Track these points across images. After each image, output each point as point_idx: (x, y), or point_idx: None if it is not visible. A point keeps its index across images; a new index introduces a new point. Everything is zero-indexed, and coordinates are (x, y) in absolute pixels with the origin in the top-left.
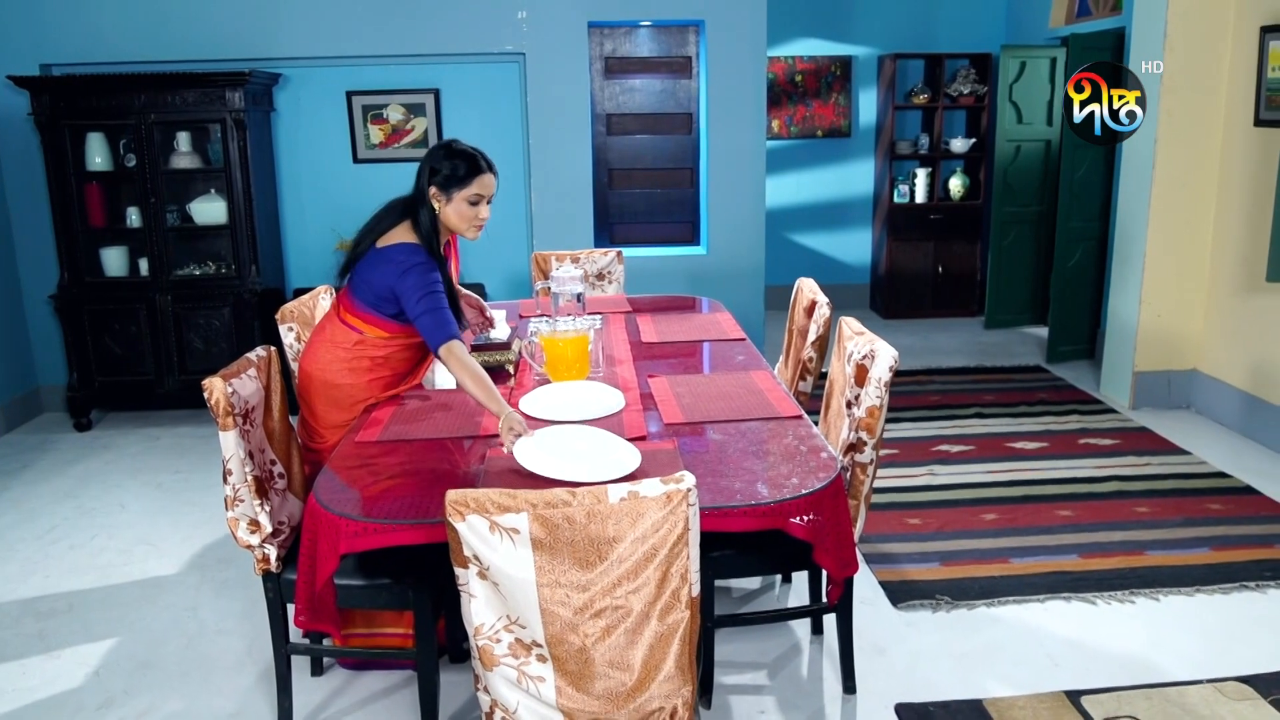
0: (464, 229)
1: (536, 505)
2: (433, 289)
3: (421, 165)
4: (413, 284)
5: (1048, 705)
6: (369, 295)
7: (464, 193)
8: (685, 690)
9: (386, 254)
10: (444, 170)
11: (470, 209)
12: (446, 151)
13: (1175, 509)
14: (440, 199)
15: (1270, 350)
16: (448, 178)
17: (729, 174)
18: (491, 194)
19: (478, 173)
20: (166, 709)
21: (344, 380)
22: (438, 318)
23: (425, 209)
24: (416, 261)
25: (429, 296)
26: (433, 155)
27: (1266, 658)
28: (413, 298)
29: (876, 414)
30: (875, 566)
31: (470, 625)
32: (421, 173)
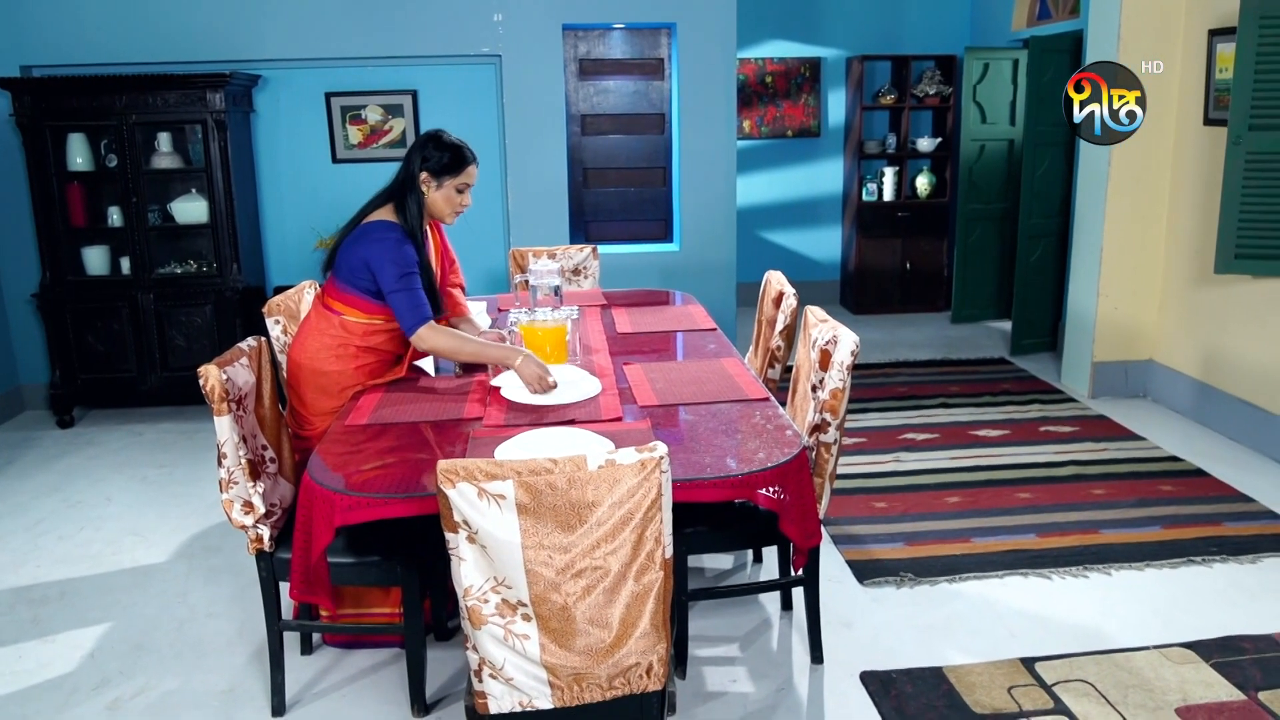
0: (447, 214)
1: (521, 473)
2: (409, 269)
3: (411, 152)
4: (391, 259)
5: (1004, 671)
6: (347, 273)
7: (454, 180)
8: (660, 647)
9: (365, 229)
10: (436, 158)
11: (457, 196)
12: (438, 141)
13: (1129, 491)
14: (430, 184)
15: (1220, 339)
16: (440, 165)
17: (701, 173)
18: (474, 183)
19: (466, 163)
20: (161, 688)
21: (331, 367)
22: (412, 299)
23: (413, 193)
24: (392, 236)
25: (404, 277)
26: (424, 143)
27: (1210, 625)
28: (388, 275)
29: (839, 396)
30: (843, 547)
31: (460, 587)
32: (412, 158)
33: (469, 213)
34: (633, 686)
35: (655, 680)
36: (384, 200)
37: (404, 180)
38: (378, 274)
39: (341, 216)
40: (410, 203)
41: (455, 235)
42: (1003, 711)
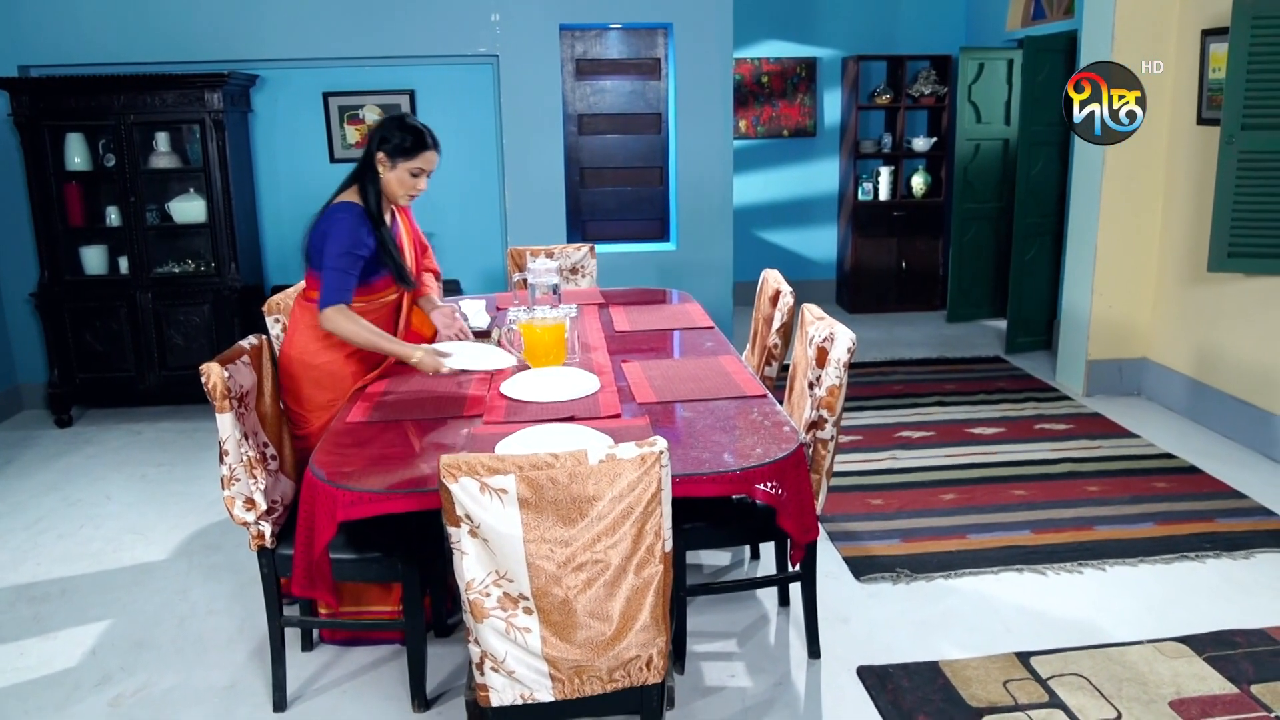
0: (399, 195)
1: (523, 467)
2: (352, 249)
3: (373, 132)
4: (337, 236)
5: (999, 665)
6: (318, 259)
7: (409, 164)
8: (660, 640)
9: (327, 211)
10: (394, 140)
11: (411, 179)
12: (399, 124)
13: (1123, 488)
14: (385, 164)
15: (1213, 337)
16: (397, 147)
17: (697, 172)
18: (433, 169)
19: (424, 148)
20: (163, 684)
21: (321, 359)
22: (340, 280)
23: (370, 174)
24: (348, 215)
25: (344, 256)
26: (385, 124)
27: (1203, 620)
28: (332, 251)
29: (836, 393)
30: (839, 543)
31: (462, 580)
32: (372, 139)
33: (467, 211)
34: (633, 679)
35: (655, 673)
36: (349, 183)
37: (365, 162)
38: (325, 249)
39: None
40: (368, 183)
41: (452, 234)
42: (998, 705)
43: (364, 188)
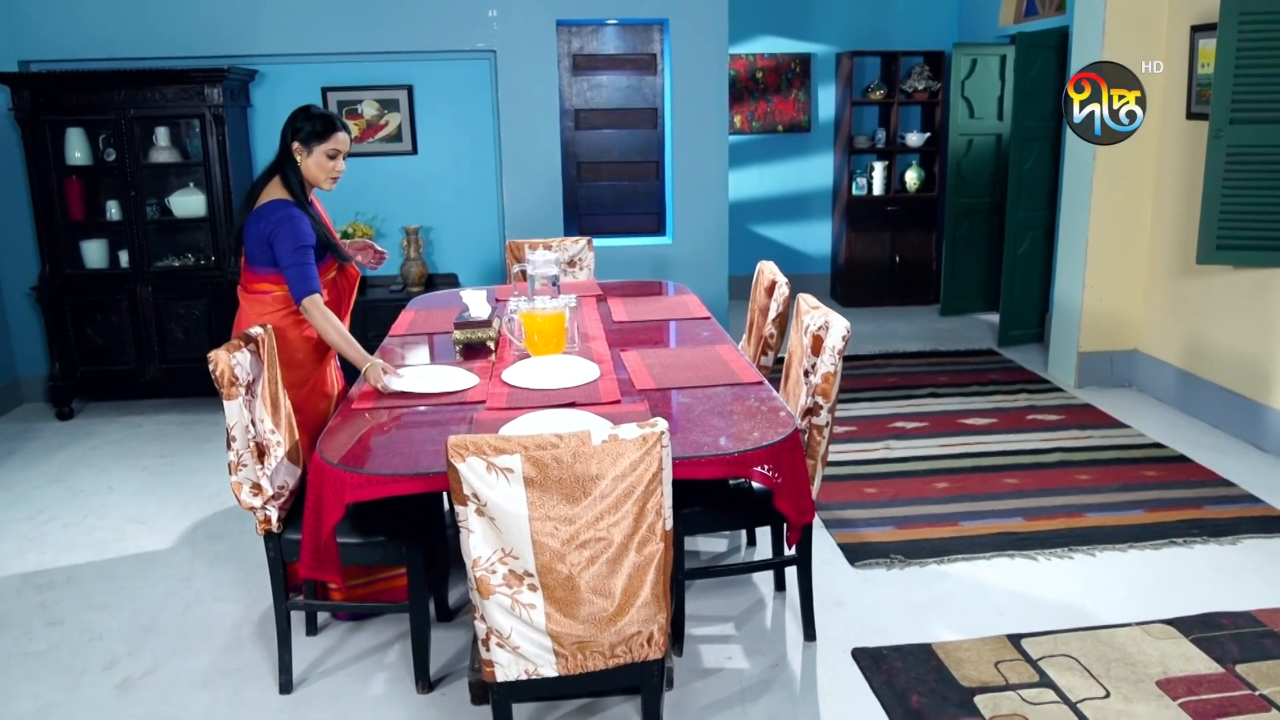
0: (321, 179)
1: (528, 447)
2: (301, 243)
3: (285, 126)
4: (284, 235)
5: (991, 647)
6: (263, 256)
7: (323, 146)
8: (660, 617)
9: (260, 212)
10: (305, 127)
11: (329, 162)
12: (307, 113)
13: (1114, 476)
14: (302, 152)
15: (1202, 329)
16: (310, 133)
17: (693, 167)
18: (346, 150)
19: (334, 130)
20: (170, 667)
21: (292, 334)
22: (302, 272)
23: (290, 164)
24: (287, 214)
25: (297, 251)
26: (295, 116)
27: (1190, 603)
28: (284, 250)
29: (831, 380)
30: (834, 530)
31: (469, 558)
32: (285, 132)
33: (464, 205)
34: (634, 655)
35: (656, 649)
36: (268, 178)
37: (281, 155)
38: (276, 250)
39: (336, 210)
40: (290, 174)
41: (451, 227)
42: (990, 685)
43: (287, 180)
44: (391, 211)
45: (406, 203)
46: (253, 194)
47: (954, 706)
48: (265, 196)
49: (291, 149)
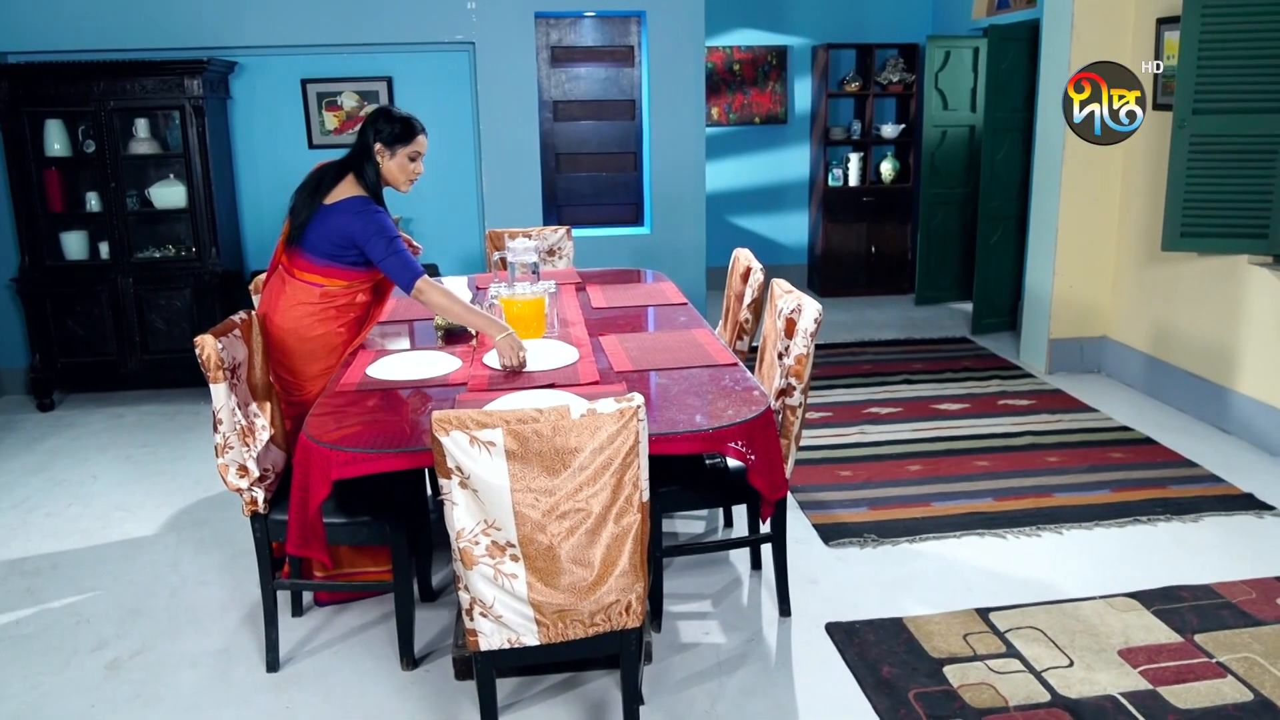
0: (401, 181)
1: (510, 421)
2: (393, 235)
3: (364, 127)
4: (375, 231)
5: (960, 620)
6: (327, 248)
7: (406, 149)
8: (638, 586)
9: (341, 208)
10: (388, 130)
11: (410, 165)
12: (389, 115)
13: (1082, 458)
14: (385, 154)
15: (1168, 315)
16: (393, 135)
17: (671, 158)
18: (425, 152)
19: (416, 133)
20: (158, 649)
21: (317, 332)
22: (402, 260)
23: (371, 164)
24: (374, 210)
25: (392, 242)
26: (376, 117)
27: (1152, 577)
28: (378, 245)
29: (804, 361)
30: (809, 512)
31: (452, 530)
32: (366, 132)
33: (444, 195)
34: (613, 623)
35: (634, 618)
36: (340, 175)
37: (360, 153)
38: (366, 247)
39: None
40: (369, 173)
41: (431, 218)
42: (958, 655)
43: (365, 180)
44: None
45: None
46: (321, 186)
47: (924, 677)
48: (341, 192)
49: (374, 150)
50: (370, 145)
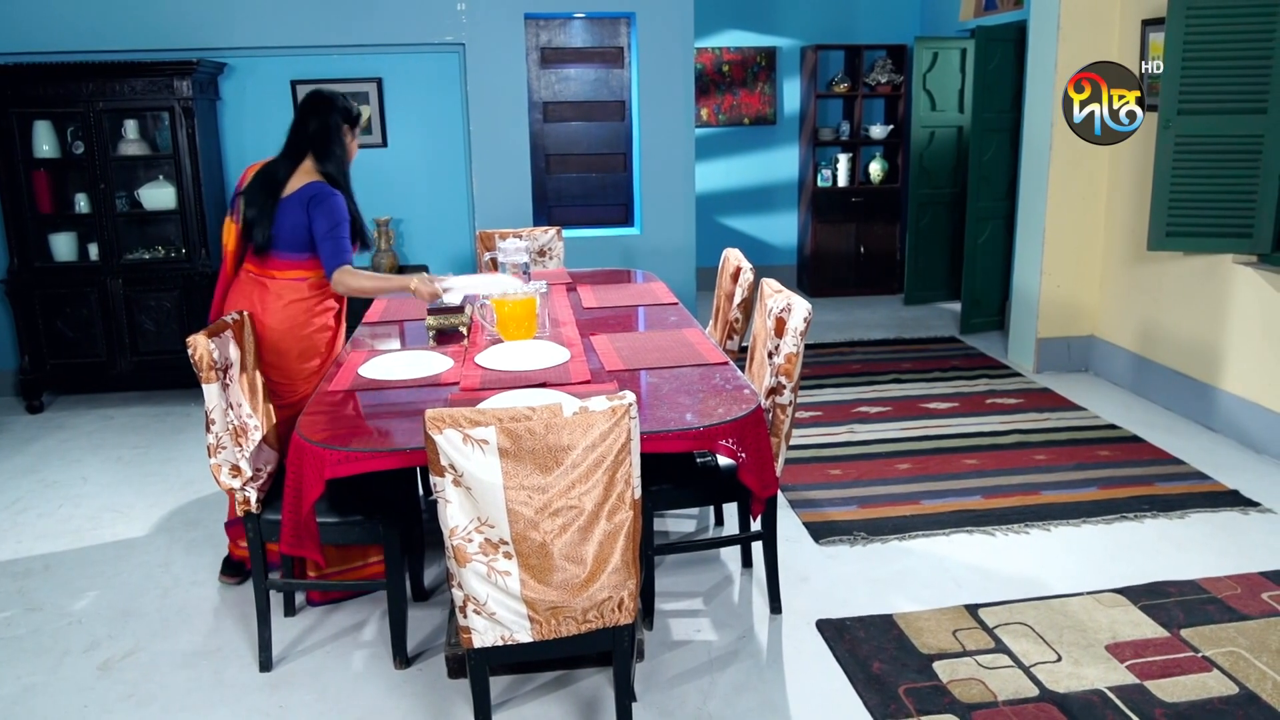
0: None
1: (502, 419)
2: (340, 219)
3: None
4: (325, 212)
5: (949, 617)
6: (303, 239)
7: (358, 129)
8: (630, 583)
9: (300, 195)
10: (350, 110)
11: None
12: (342, 97)
13: (1069, 456)
14: (350, 135)
15: (1155, 314)
16: (354, 116)
17: (661, 159)
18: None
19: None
20: (151, 649)
21: (314, 326)
22: (335, 245)
23: (338, 146)
24: (329, 192)
25: (336, 226)
26: (335, 102)
27: (1139, 573)
28: (323, 225)
29: (794, 360)
30: (799, 510)
31: (446, 528)
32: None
33: (435, 196)
34: (605, 620)
35: (626, 614)
36: (290, 166)
37: (312, 140)
38: (313, 222)
39: None
40: (337, 155)
41: (422, 219)
42: (947, 651)
43: (332, 163)
44: (361, 204)
45: (377, 195)
46: (274, 184)
47: (913, 672)
48: (297, 181)
49: (341, 131)
50: (335, 126)
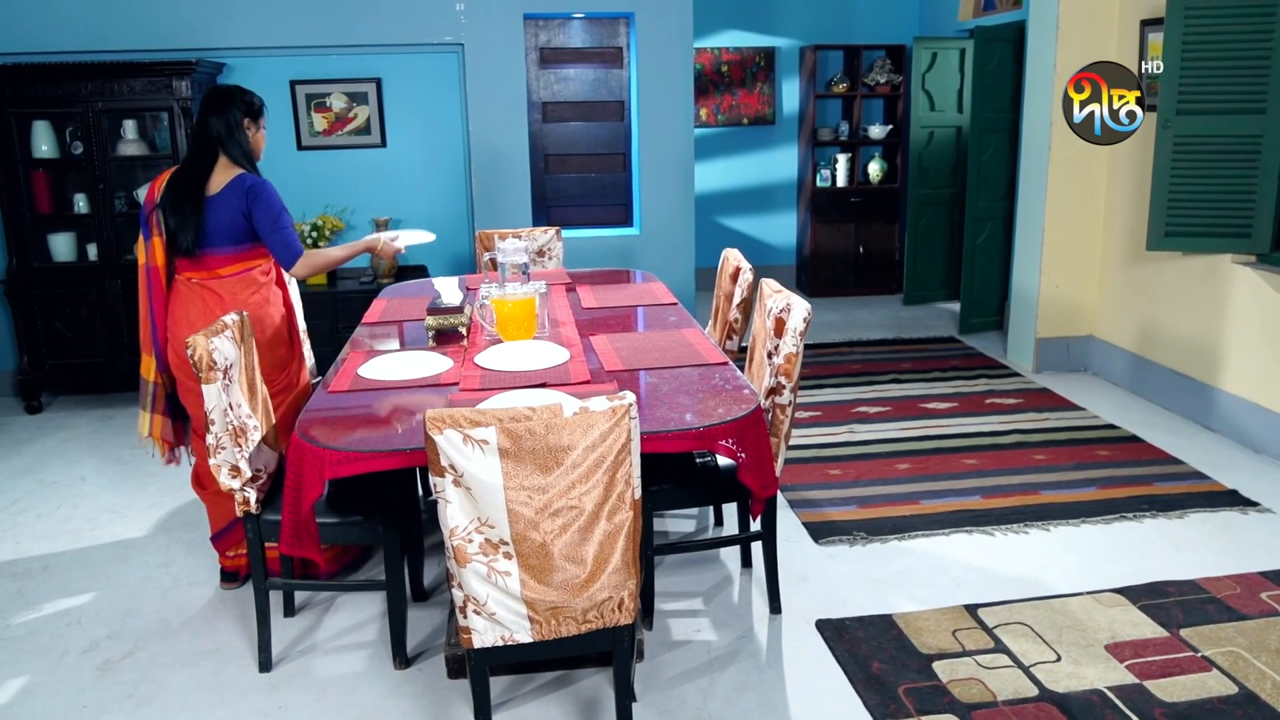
0: (260, 152)
1: (503, 419)
2: (280, 208)
3: (220, 107)
4: (265, 203)
5: (949, 617)
6: (239, 233)
7: (263, 120)
8: (630, 583)
9: (232, 188)
10: (251, 104)
11: (263, 134)
12: (240, 91)
13: (1068, 456)
14: (252, 128)
15: (1153, 314)
16: (256, 109)
17: (660, 159)
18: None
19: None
20: (150, 650)
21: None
22: (286, 237)
23: (239, 141)
24: (264, 181)
25: (279, 216)
26: (234, 97)
27: (1138, 573)
28: (266, 217)
29: (793, 360)
30: (799, 510)
31: (446, 528)
32: (227, 111)
33: (434, 196)
34: (606, 620)
35: (626, 614)
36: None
37: (224, 134)
38: (254, 216)
39: (308, 203)
40: (244, 148)
41: (420, 219)
42: (947, 651)
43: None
44: (361, 204)
45: (376, 195)
46: (194, 186)
47: (913, 672)
48: (223, 176)
49: (242, 125)
50: (236, 123)
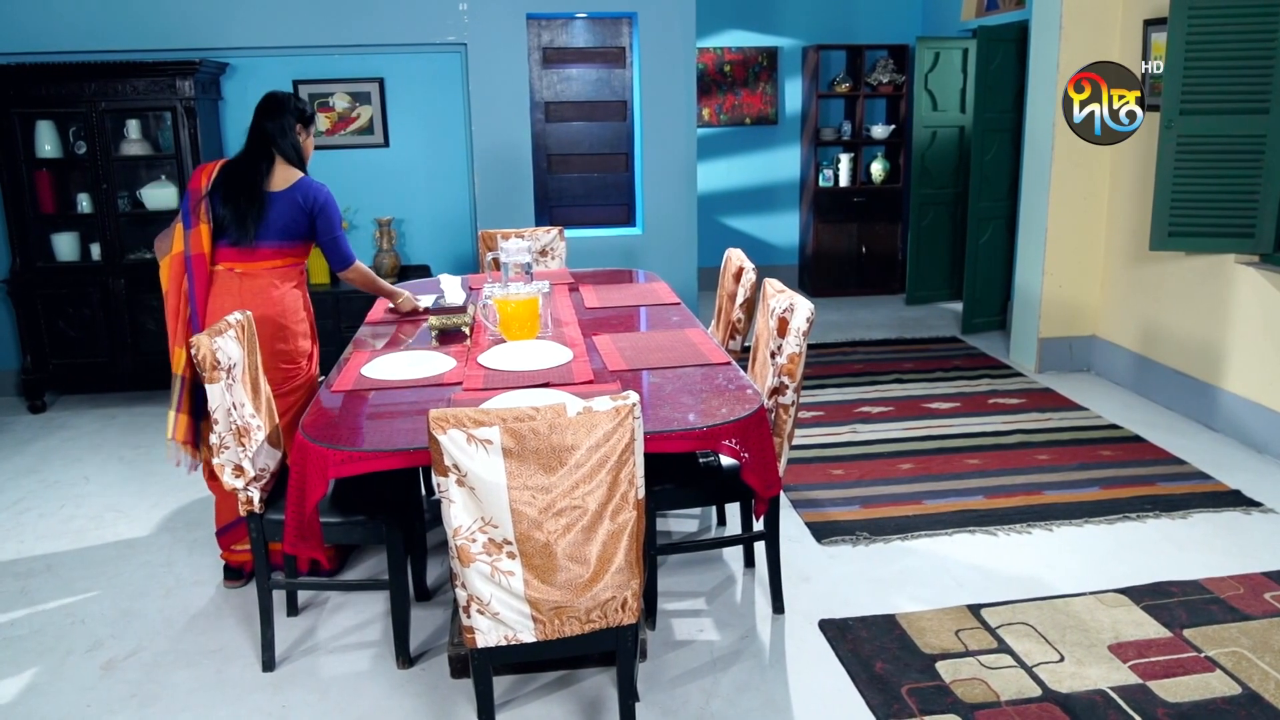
0: (309, 155)
1: (506, 419)
2: (339, 218)
3: (279, 114)
4: (331, 209)
5: (952, 617)
6: (298, 232)
7: (312, 127)
8: (634, 583)
9: (299, 191)
10: (305, 111)
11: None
12: (294, 99)
13: (1071, 456)
14: (304, 134)
15: (1156, 314)
16: (310, 117)
17: (662, 159)
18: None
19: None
20: (154, 649)
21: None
22: (343, 242)
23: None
24: (326, 192)
25: (337, 224)
26: (287, 105)
27: (1141, 573)
28: (329, 221)
29: (796, 360)
30: (801, 510)
31: (450, 527)
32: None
33: (437, 196)
34: (609, 620)
35: (630, 614)
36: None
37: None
38: (319, 220)
39: None
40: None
41: (424, 219)
42: (950, 651)
43: (295, 160)
44: (364, 204)
45: (378, 195)
46: (254, 181)
47: (916, 672)
48: (285, 177)
49: (295, 130)
50: (290, 126)
